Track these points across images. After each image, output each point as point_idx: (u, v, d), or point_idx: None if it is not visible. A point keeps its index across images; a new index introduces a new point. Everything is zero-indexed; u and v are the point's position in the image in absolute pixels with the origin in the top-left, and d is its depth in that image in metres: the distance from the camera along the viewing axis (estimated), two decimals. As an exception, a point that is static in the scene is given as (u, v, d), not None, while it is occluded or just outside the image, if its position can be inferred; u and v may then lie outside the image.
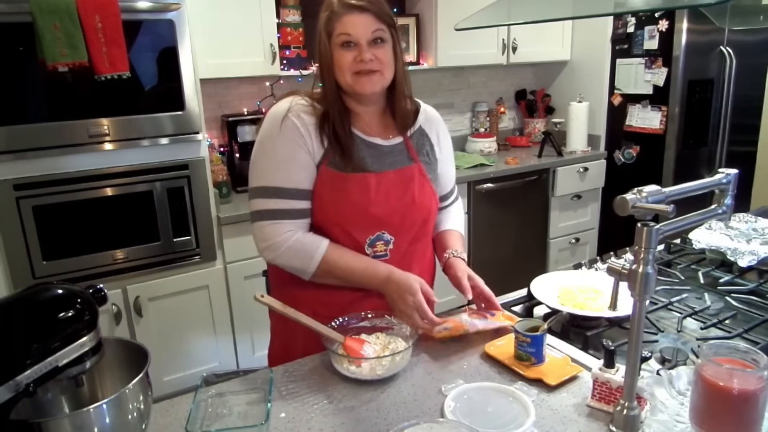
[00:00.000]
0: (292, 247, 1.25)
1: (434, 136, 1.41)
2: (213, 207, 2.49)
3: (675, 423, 0.93)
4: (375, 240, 1.29)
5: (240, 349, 2.71)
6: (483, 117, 3.84)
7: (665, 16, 3.20)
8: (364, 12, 1.18)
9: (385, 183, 1.28)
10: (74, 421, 0.82)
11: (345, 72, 1.22)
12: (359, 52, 1.20)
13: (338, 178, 1.25)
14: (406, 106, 1.34)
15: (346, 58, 1.20)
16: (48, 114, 2.12)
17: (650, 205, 0.91)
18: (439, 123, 1.43)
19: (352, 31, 1.18)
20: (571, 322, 1.31)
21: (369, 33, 1.19)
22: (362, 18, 1.18)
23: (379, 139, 1.32)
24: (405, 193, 1.30)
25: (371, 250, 1.29)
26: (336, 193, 1.26)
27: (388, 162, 1.31)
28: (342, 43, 1.20)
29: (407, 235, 1.33)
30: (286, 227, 1.25)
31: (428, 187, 1.35)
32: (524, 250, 3.54)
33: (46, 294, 0.84)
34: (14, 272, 2.18)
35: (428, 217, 1.37)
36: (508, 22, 2.73)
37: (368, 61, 1.20)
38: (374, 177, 1.27)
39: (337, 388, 1.12)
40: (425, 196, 1.34)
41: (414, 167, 1.33)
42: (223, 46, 2.61)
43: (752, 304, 1.41)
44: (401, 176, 1.31)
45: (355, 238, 1.28)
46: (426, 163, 1.36)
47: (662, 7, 2.79)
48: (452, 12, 3.16)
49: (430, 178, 1.36)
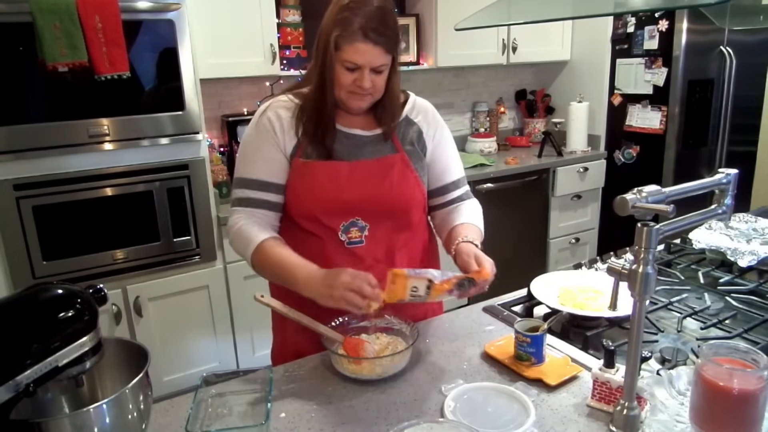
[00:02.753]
0: (237, 233, 1.30)
1: (423, 125, 1.39)
2: (213, 207, 2.49)
3: (675, 423, 0.93)
4: (349, 226, 1.30)
5: (240, 349, 2.71)
6: (483, 117, 3.85)
7: (665, 16, 3.21)
8: (377, 45, 1.18)
9: (360, 171, 1.29)
10: (74, 421, 0.82)
11: (341, 89, 1.24)
12: (360, 77, 1.21)
13: (308, 166, 1.29)
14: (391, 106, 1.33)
15: (346, 79, 1.22)
16: (48, 114, 2.12)
17: (650, 205, 0.91)
18: (428, 112, 1.41)
19: (360, 60, 1.19)
20: (571, 322, 1.31)
21: (375, 64, 1.21)
22: (374, 50, 1.19)
23: (359, 130, 1.33)
24: (382, 181, 1.30)
25: (346, 236, 1.30)
26: (307, 182, 1.29)
27: (366, 152, 1.32)
28: (346, 66, 1.21)
29: (386, 223, 1.32)
30: (238, 214, 1.32)
31: (411, 176, 1.34)
32: (524, 250, 3.54)
33: (46, 294, 0.84)
34: (14, 272, 2.18)
35: (410, 207, 1.35)
36: (508, 22, 2.73)
37: (366, 88, 1.22)
38: (346, 165, 1.29)
39: (337, 388, 1.12)
40: (406, 185, 1.33)
41: (396, 157, 1.33)
42: (223, 46, 2.61)
43: (752, 304, 1.41)
44: (380, 165, 1.31)
45: (328, 225, 1.29)
46: (411, 153, 1.35)
47: (662, 7, 2.79)
48: (452, 12, 3.16)
49: (415, 167, 1.35)
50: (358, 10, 1.17)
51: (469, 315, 1.42)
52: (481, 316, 1.42)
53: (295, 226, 1.34)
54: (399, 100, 1.37)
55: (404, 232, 1.37)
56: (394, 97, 1.32)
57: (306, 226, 1.32)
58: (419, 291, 1.16)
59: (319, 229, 1.30)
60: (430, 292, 1.16)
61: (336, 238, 1.30)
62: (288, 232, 1.35)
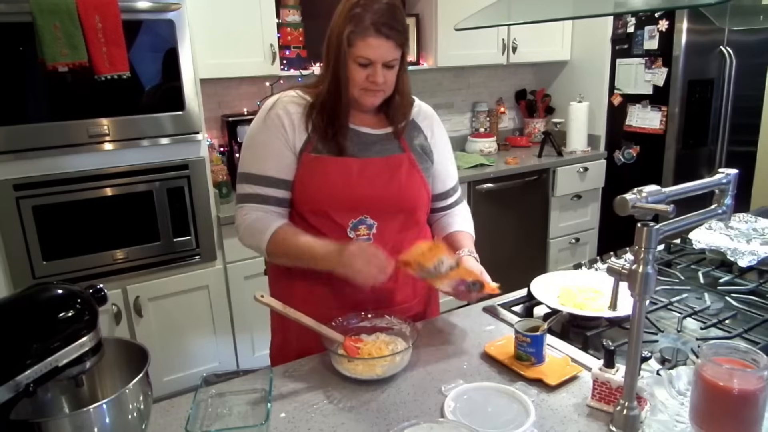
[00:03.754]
0: (249, 226, 1.31)
1: (428, 131, 1.41)
2: (213, 207, 2.49)
3: (675, 423, 0.93)
4: (358, 224, 1.30)
5: (240, 349, 2.71)
6: (483, 117, 3.84)
7: (665, 16, 3.20)
8: (389, 39, 1.21)
9: (370, 169, 1.30)
10: (74, 421, 0.82)
11: (354, 86, 1.26)
12: (373, 72, 1.23)
13: (319, 161, 1.29)
14: (402, 104, 1.35)
15: (360, 75, 1.24)
16: (48, 114, 2.12)
17: (650, 205, 0.91)
18: (433, 119, 1.44)
19: (372, 55, 1.21)
20: (571, 322, 1.31)
21: (387, 58, 1.23)
22: (386, 44, 1.21)
23: (368, 128, 1.34)
24: (391, 180, 1.31)
25: (354, 233, 1.30)
26: (317, 177, 1.29)
27: (375, 149, 1.32)
28: (359, 62, 1.23)
29: (393, 222, 1.33)
30: (247, 210, 1.32)
31: (418, 176, 1.35)
32: (524, 250, 3.54)
33: (46, 294, 0.84)
34: (14, 272, 2.18)
35: (417, 206, 1.37)
36: (508, 22, 2.73)
37: (380, 83, 1.24)
38: (357, 162, 1.29)
39: (337, 388, 1.13)
40: (413, 184, 1.34)
41: (403, 156, 1.34)
42: (223, 46, 2.61)
43: (752, 304, 1.41)
44: (388, 163, 1.32)
45: (338, 221, 1.29)
46: (417, 154, 1.37)
47: (662, 7, 2.79)
48: (452, 12, 3.16)
49: (421, 168, 1.36)
50: (369, 6, 1.19)
51: (469, 315, 1.42)
52: (481, 316, 1.42)
53: (304, 222, 1.33)
54: (410, 98, 1.38)
55: (411, 231, 1.37)
56: (404, 94, 1.33)
57: (314, 222, 1.31)
58: (442, 266, 1.21)
59: (327, 225, 1.30)
60: (449, 272, 1.21)
61: (345, 236, 1.30)
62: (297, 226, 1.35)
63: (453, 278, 1.22)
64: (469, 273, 1.24)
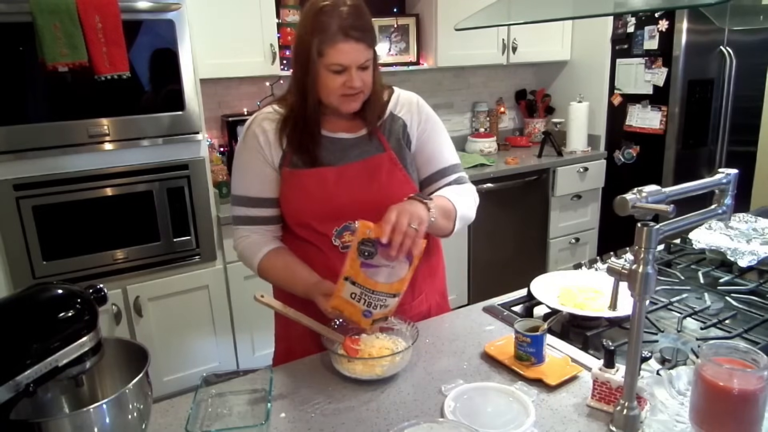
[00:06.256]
0: (241, 253, 1.37)
1: (407, 118, 1.36)
2: (213, 207, 2.49)
3: (675, 423, 0.93)
4: (342, 231, 1.30)
5: (240, 349, 2.71)
6: (483, 117, 3.84)
7: (665, 16, 3.21)
8: (359, 42, 1.18)
9: (347, 175, 1.29)
10: (74, 421, 0.82)
11: (331, 94, 1.23)
12: (349, 77, 1.20)
13: (295, 175, 1.29)
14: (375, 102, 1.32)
15: (335, 82, 1.21)
16: (48, 114, 2.12)
17: (650, 205, 0.91)
18: (411, 105, 1.38)
19: (345, 60, 1.19)
20: (571, 322, 1.31)
21: (360, 61, 1.20)
22: (356, 47, 1.18)
23: (343, 134, 1.32)
24: (371, 183, 1.30)
25: (339, 240, 1.30)
26: (295, 191, 1.30)
27: (353, 154, 1.31)
28: (333, 69, 1.20)
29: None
30: (240, 233, 1.37)
31: (400, 174, 1.33)
32: (524, 250, 3.54)
33: (46, 294, 0.84)
34: (14, 272, 2.18)
35: None
36: (508, 22, 2.73)
37: (358, 87, 1.22)
38: (333, 171, 1.29)
39: (337, 388, 1.13)
40: (395, 183, 1.32)
41: (383, 156, 1.32)
42: (223, 46, 2.61)
43: (752, 304, 1.41)
44: (367, 166, 1.30)
45: (321, 231, 1.30)
46: (398, 150, 1.33)
47: (662, 7, 2.79)
48: (452, 12, 3.16)
49: (403, 165, 1.33)
50: (333, 11, 1.17)
51: (469, 315, 1.42)
52: (481, 316, 1.42)
53: (292, 233, 1.35)
54: (382, 96, 1.35)
55: None
56: (376, 92, 1.31)
57: (300, 233, 1.33)
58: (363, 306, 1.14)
59: (312, 236, 1.31)
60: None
61: (329, 244, 1.30)
62: (287, 239, 1.37)
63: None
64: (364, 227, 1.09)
